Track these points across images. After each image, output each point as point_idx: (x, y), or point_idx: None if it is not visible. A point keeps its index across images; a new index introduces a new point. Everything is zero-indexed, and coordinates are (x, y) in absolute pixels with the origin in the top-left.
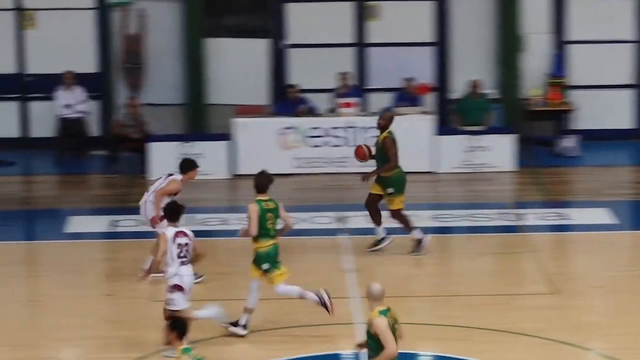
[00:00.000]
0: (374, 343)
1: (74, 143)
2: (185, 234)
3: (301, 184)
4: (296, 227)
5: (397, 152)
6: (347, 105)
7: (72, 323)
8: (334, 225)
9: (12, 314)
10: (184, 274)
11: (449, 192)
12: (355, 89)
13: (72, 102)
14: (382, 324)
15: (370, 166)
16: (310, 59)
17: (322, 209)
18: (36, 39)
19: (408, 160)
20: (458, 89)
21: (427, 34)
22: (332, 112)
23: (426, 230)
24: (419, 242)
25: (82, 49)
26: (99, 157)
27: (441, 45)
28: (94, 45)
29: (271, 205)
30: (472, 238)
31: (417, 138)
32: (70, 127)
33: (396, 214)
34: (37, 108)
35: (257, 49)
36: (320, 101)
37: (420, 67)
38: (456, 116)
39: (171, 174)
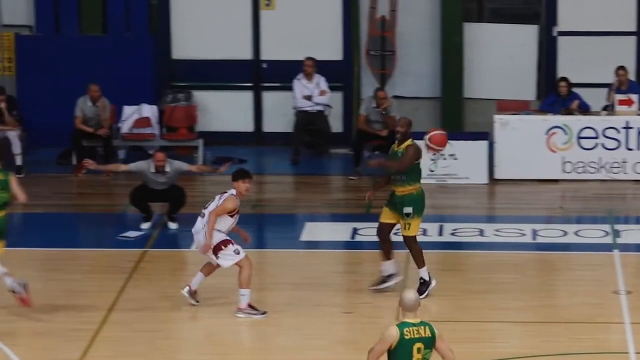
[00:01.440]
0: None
1: (312, 139)
2: None
3: (569, 191)
4: (562, 240)
5: (419, 165)
6: (625, 102)
7: (302, 344)
8: (606, 240)
9: (237, 331)
10: None
11: None
12: (635, 84)
13: (312, 93)
14: (386, 333)
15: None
16: (582, 49)
17: (593, 220)
18: (272, 20)
19: None
20: None
21: None
22: (607, 110)
23: None
24: (425, 283)
25: (324, 32)
26: (340, 156)
27: None
28: (338, 29)
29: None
30: None
31: None
32: (309, 122)
33: (412, 242)
34: (271, 99)
35: (524, 37)
36: (592, 97)
37: None
38: None
39: (224, 192)
